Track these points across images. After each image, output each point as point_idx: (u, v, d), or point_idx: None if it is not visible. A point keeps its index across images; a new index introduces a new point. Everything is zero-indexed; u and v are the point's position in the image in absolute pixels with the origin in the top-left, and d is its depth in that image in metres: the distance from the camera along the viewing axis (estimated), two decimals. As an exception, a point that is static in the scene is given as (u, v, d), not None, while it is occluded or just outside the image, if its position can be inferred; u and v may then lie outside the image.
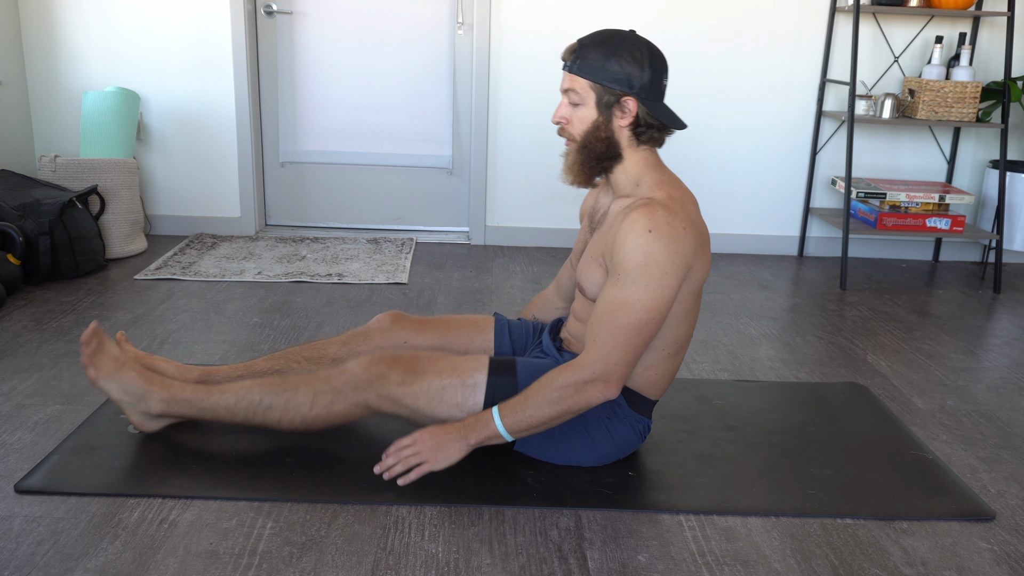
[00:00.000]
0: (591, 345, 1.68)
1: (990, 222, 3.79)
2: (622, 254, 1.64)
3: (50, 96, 3.72)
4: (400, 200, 4.00)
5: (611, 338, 1.65)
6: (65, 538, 1.57)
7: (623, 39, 1.68)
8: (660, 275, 1.63)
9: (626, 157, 1.74)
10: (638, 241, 1.62)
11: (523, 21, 3.69)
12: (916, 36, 3.73)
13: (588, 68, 1.68)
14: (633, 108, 1.69)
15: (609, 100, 1.69)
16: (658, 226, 1.62)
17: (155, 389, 1.87)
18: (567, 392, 1.68)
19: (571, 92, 1.71)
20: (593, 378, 1.67)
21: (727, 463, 1.94)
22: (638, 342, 1.67)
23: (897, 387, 2.45)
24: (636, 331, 1.65)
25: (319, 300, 3.01)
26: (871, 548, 1.64)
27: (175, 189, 3.84)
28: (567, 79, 1.72)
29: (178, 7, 3.63)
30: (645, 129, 1.72)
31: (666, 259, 1.63)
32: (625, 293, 1.64)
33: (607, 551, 1.60)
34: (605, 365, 1.66)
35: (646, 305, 1.64)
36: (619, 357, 1.66)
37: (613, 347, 1.66)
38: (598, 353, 1.66)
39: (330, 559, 1.54)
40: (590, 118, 1.71)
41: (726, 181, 3.89)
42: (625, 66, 1.67)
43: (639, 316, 1.64)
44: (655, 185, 1.72)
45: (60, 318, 2.73)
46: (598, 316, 1.68)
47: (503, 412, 1.71)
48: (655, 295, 1.64)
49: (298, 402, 1.82)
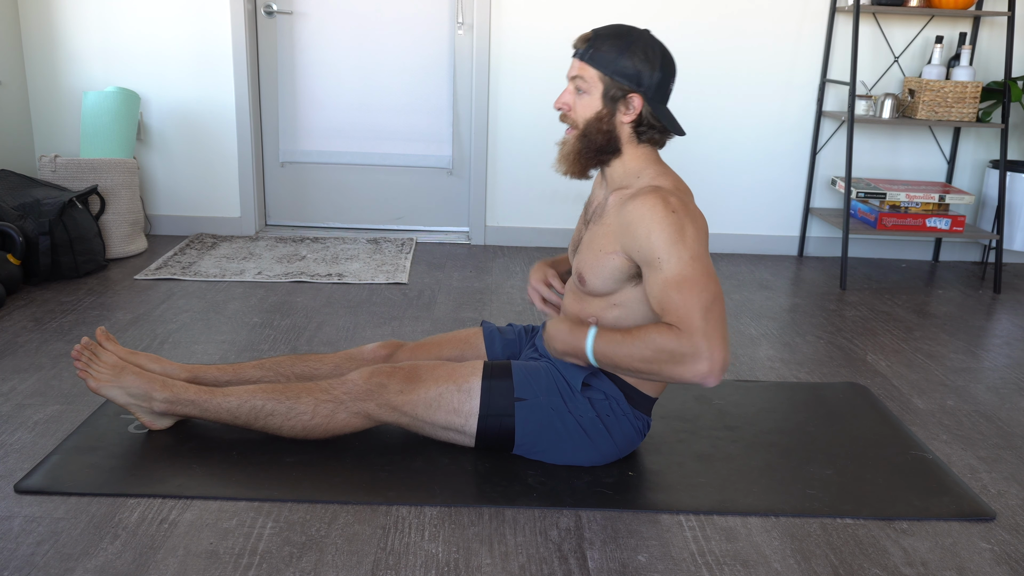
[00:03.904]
0: (681, 320, 1.59)
1: (990, 222, 3.79)
2: (651, 239, 1.62)
3: (50, 96, 3.72)
4: (400, 200, 4.00)
5: (694, 311, 1.58)
6: (65, 538, 1.57)
7: (638, 36, 1.69)
8: (697, 244, 1.62)
9: (625, 152, 1.74)
10: (665, 222, 1.61)
11: (523, 21, 3.69)
12: (916, 36, 3.73)
13: (600, 59, 1.68)
14: (638, 106, 1.69)
15: (616, 94, 1.69)
16: (677, 208, 1.63)
17: (156, 388, 1.88)
18: (663, 356, 1.60)
19: (579, 79, 1.71)
20: (696, 353, 1.58)
21: (727, 463, 1.94)
22: (718, 309, 1.60)
23: (897, 387, 2.45)
24: (716, 298, 1.60)
25: (319, 300, 3.01)
26: (871, 548, 1.64)
27: (175, 189, 3.84)
28: (576, 66, 1.71)
29: (178, 7, 3.64)
30: (646, 129, 1.72)
31: (695, 233, 1.63)
32: (677, 270, 1.60)
33: (607, 551, 1.60)
34: (707, 340, 1.57)
35: (700, 271, 1.60)
36: (714, 331, 1.58)
37: (699, 319, 1.58)
38: (694, 325, 1.58)
39: (330, 559, 1.54)
40: (594, 108, 1.71)
41: (726, 181, 3.89)
42: (637, 63, 1.67)
43: (711, 283, 1.60)
44: (658, 176, 1.73)
45: (60, 318, 2.73)
46: (665, 299, 1.61)
47: (600, 337, 1.68)
48: (704, 263, 1.61)
49: (299, 410, 1.84)
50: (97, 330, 1.95)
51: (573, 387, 1.80)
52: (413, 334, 2.71)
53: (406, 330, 2.75)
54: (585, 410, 1.80)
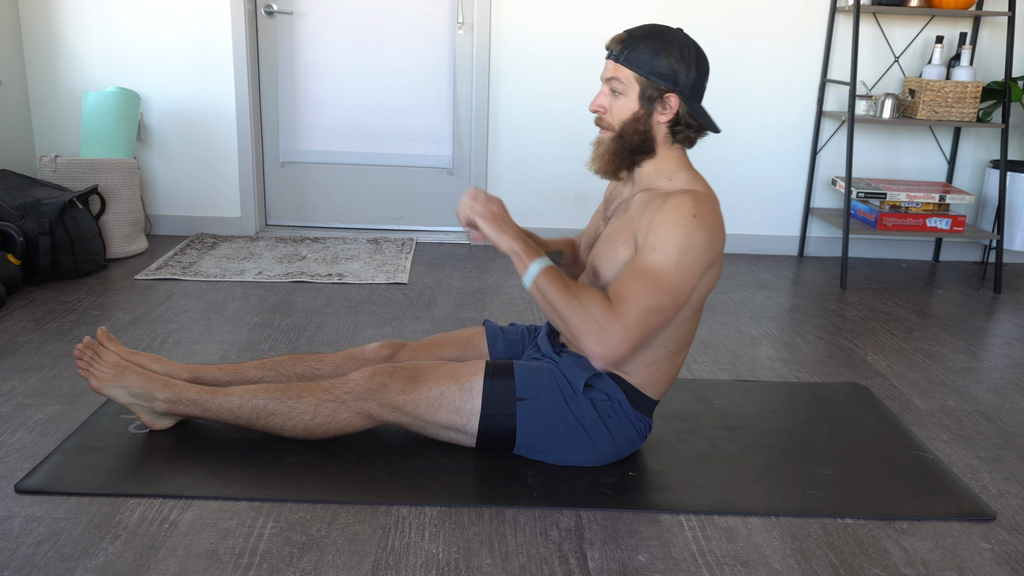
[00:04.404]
0: (618, 301, 1.64)
1: (990, 222, 3.79)
2: (663, 232, 1.63)
3: (50, 96, 3.72)
4: (400, 200, 4.00)
5: (635, 306, 1.62)
6: (65, 538, 1.57)
7: (673, 36, 1.70)
8: (693, 261, 1.64)
9: (659, 153, 1.75)
10: (683, 223, 1.63)
11: (523, 20, 3.69)
12: (916, 36, 3.73)
13: (636, 60, 1.68)
14: (675, 105, 1.70)
15: (652, 94, 1.70)
16: (703, 215, 1.64)
17: (158, 388, 1.88)
18: (588, 321, 1.64)
19: (614, 81, 1.71)
20: (605, 336, 1.63)
21: (727, 463, 1.94)
22: (656, 321, 1.65)
23: (897, 387, 2.45)
24: (658, 312, 1.63)
25: (319, 300, 3.01)
26: (871, 548, 1.64)
27: (175, 189, 3.84)
28: (611, 68, 1.71)
29: (178, 7, 3.64)
30: (683, 128, 1.73)
31: (703, 248, 1.64)
32: (657, 265, 1.63)
33: (607, 551, 1.60)
34: (623, 333, 1.62)
35: (674, 284, 1.63)
36: (635, 332, 1.63)
37: (633, 316, 1.62)
38: (623, 314, 1.62)
39: (330, 559, 1.54)
40: (631, 109, 1.71)
41: (726, 181, 3.89)
42: (672, 63, 1.68)
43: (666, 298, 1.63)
44: (692, 181, 1.74)
45: (60, 318, 2.73)
46: (626, 276, 1.65)
47: (545, 273, 1.68)
48: (683, 279, 1.64)
49: (301, 410, 1.84)
50: (98, 330, 1.95)
51: (575, 388, 1.80)
52: (413, 334, 2.71)
53: (406, 330, 2.75)
54: (587, 411, 1.80)
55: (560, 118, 3.79)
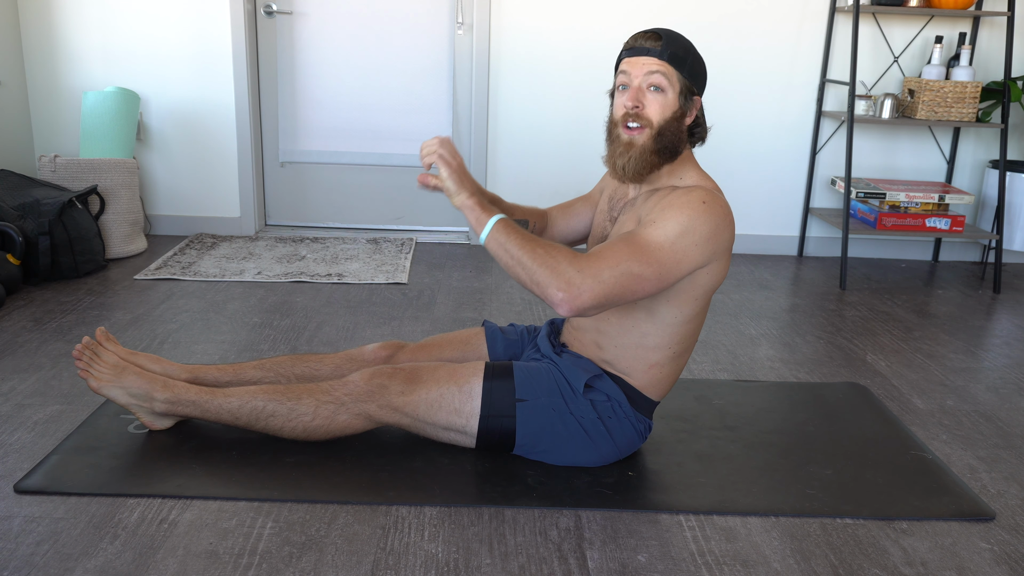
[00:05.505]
0: (595, 258, 1.59)
1: (990, 222, 3.79)
2: (668, 211, 1.62)
3: (50, 96, 3.72)
4: (400, 200, 4.00)
5: (613, 266, 1.57)
6: (65, 538, 1.57)
7: (688, 40, 1.71)
8: (691, 244, 1.62)
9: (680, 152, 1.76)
10: (691, 206, 1.62)
11: (523, 21, 3.69)
12: (916, 36, 3.73)
13: (678, 59, 1.67)
14: (698, 106, 1.73)
15: (687, 94, 1.70)
16: (713, 205, 1.64)
17: (157, 388, 1.88)
18: (555, 269, 1.57)
19: (657, 75, 1.66)
20: (573, 283, 1.56)
21: (727, 463, 1.94)
22: (632, 287, 1.59)
23: (897, 387, 2.45)
24: (637, 278, 1.59)
25: (319, 300, 3.01)
26: (871, 548, 1.64)
27: (175, 189, 3.84)
28: (653, 63, 1.66)
29: (178, 7, 3.63)
30: (700, 130, 1.76)
31: (705, 235, 1.63)
32: (652, 237, 1.61)
33: (607, 551, 1.60)
34: (592, 284, 1.56)
35: (663, 260, 1.60)
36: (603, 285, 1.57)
37: (609, 274, 1.57)
38: (598, 267, 1.57)
39: (330, 559, 1.54)
40: (672, 107, 1.68)
41: (726, 181, 3.89)
42: (699, 66, 1.70)
43: (650, 269, 1.59)
44: (703, 179, 1.74)
45: (60, 318, 2.73)
46: (616, 240, 1.62)
47: (504, 224, 1.62)
48: (675, 258, 1.61)
49: (301, 411, 1.84)
50: (97, 330, 1.95)
51: (575, 388, 1.80)
52: (413, 334, 2.71)
53: (406, 330, 2.75)
54: (586, 411, 1.80)
55: (560, 118, 3.79)
